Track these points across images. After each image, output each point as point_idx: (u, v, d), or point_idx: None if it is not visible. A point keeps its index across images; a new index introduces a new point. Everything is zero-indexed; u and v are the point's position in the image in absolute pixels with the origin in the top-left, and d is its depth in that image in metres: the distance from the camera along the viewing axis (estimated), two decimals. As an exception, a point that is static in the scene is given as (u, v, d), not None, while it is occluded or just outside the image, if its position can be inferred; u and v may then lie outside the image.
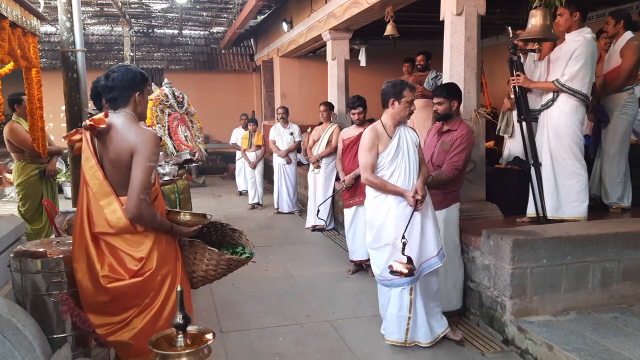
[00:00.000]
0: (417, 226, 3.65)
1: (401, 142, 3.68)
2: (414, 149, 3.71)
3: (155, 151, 2.58)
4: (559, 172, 4.32)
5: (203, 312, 4.51)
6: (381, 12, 6.55)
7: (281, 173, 8.67)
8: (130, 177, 2.53)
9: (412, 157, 3.70)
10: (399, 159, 3.66)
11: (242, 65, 14.75)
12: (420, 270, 3.67)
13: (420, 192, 3.56)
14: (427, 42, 10.75)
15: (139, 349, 2.55)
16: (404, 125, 3.78)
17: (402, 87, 3.66)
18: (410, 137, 3.73)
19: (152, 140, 2.57)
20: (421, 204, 3.59)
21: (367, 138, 3.71)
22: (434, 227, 3.74)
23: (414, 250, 3.62)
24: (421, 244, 3.68)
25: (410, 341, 3.77)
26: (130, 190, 2.51)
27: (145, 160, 2.52)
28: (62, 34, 4.73)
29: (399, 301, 3.73)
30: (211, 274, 2.89)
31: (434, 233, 3.73)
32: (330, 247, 6.69)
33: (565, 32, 4.30)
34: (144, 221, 2.55)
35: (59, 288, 2.77)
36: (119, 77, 2.63)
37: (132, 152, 2.53)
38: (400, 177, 3.66)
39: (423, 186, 3.62)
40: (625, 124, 4.76)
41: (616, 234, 3.99)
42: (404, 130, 3.74)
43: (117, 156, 2.57)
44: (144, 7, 11.64)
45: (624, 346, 3.34)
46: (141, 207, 2.50)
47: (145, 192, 2.52)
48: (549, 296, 3.86)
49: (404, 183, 3.65)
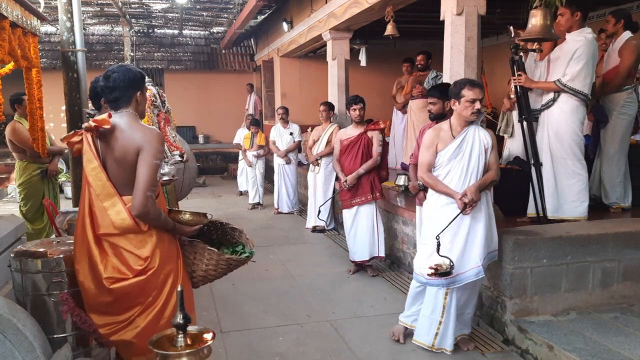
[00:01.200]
0: (463, 230, 3.55)
1: (464, 144, 3.55)
2: (479, 152, 3.56)
3: (161, 149, 2.61)
4: (559, 172, 4.33)
5: (203, 311, 4.51)
6: (381, 12, 6.55)
7: (281, 173, 8.67)
8: (135, 176, 2.55)
9: (474, 160, 3.55)
10: (456, 160, 3.56)
11: (243, 65, 14.75)
12: (459, 278, 3.55)
13: (470, 196, 3.44)
14: (428, 42, 10.75)
15: (142, 348, 2.55)
16: (477, 125, 3.62)
17: (462, 86, 3.55)
18: (480, 140, 3.57)
19: (158, 138, 2.61)
20: (470, 208, 3.48)
21: (428, 137, 3.68)
22: (484, 236, 3.56)
23: (454, 255, 3.52)
24: (464, 250, 3.56)
25: (437, 347, 3.69)
26: (137, 188, 2.53)
27: (152, 158, 2.55)
28: (62, 34, 4.73)
29: (433, 303, 3.66)
30: (211, 274, 2.89)
31: (483, 242, 3.56)
32: (330, 247, 6.69)
33: (566, 32, 4.30)
34: (150, 218, 2.56)
35: (60, 288, 2.77)
36: (120, 77, 2.63)
37: (138, 150, 2.55)
38: (455, 179, 3.56)
39: (476, 190, 3.47)
40: (625, 124, 4.76)
41: (616, 234, 3.99)
42: (475, 132, 3.58)
43: (124, 155, 2.58)
44: (144, 7, 11.64)
45: (624, 346, 3.34)
46: (147, 204, 2.52)
47: (152, 189, 2.55)
48: (550, 296, 3.86)
49: (457, 184, 3.54)
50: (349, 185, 5.35)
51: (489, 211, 3.64)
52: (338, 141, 5.64)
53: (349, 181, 5.35)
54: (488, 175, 3.58)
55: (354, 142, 5.45)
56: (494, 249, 3.68)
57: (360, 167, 5.36)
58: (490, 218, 3.64)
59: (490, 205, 3.67)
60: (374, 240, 5.41)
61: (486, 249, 3.59)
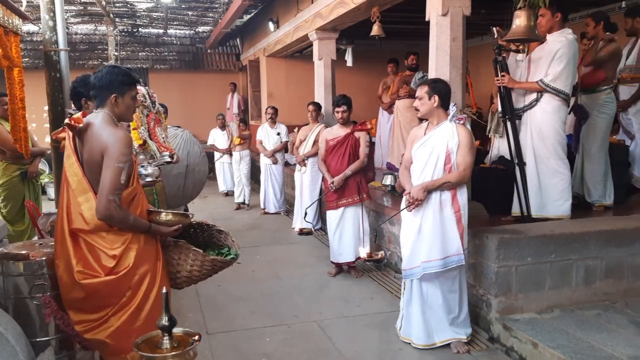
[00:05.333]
0: (413, 227, 3.69)
1: (428, 142, 3.71)
2: (439, 152, 3.63)
3: (125, 152, 2.56)
4: (542, 171, 4.37)
5: (189, 313, 4.49)
6: (367, 13, 6.56)
7: (268, 173, 8.66)
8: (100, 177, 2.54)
9: (433, 159, 3.67)
10: (419, 158, 3.75)
11: (228, 65, 14.69)
12: (412, 272, 3.70)
13: (412, 194, 3.58)
14: (413, 42, 10.78)
15: (117, 348, 2.56)
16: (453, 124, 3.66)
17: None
18: (446, 139, 3.64)
19: (123, 141, 2.57)
20: (413, 206, 3.60)
21: (410, 134, 3.89)
22: (432, 236, 3.62)
23: (406, 249, 3.73)
24: (413, 246, 3.69)
25: (404, 335, 3.87)
26: (100, 191, 2.52)
27: (114, 162, 2.52)
28: (44, 33, 4.66)
29: (402, 290, 3.96)
30: (196, 275, 2.88)
31: (430, 242, 3.62)
32: (317, 247, 6.69)
33: (547, 32, 4.35)
34: (114, 221, 2.55)
35: (42, 291, 2.75)
36: (99, 77, 2.66)
37: (102, 152, 2.54)
38: (416, 175, 3.76)
39: (421, 189, 3.55)
40: (604, 123, 4.85)
41: (599, 232, 4.05)
42: (444, 131, 3.64)
43: (90, 156, 2.59)
44: (129, 6, 11.54)
45: (606, 342, 3.38)
46: (110, 208, 2.50)
47: (115, 193, 2.52)
48: (534, 294, 3.90)
49: (415, 181, 3.72)
50: (336, 186, 5.32)
51: (444, 214, 3.61)
52: (323, 141, 5.59)
53: (335, 182, 5.30)
54: (444, 177, 3.59)
55: (341, 143, 5.43)
56: (453, 253, 3.60)
57: (347, 168, 5.33)
58: (444, 221, 3.61)
59: (449, 208, 3.61)
60: (360, 242, 5.40)
61: (439, 250, 3.60)
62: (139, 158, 4.44)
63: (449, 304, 3.74)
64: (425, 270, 3.63)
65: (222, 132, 10.11)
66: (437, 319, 3.74)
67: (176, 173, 6.10)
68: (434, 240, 3.61)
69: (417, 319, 3.76)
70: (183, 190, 6.39)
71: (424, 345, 3.74)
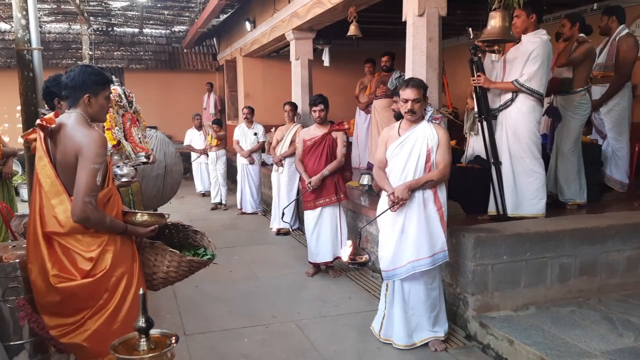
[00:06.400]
0: (397, 227, 3.68)
1: (406, 142, 3.71)
2: (419, 151, 3.66)
3: (100, 153, 2.52)
4: (517, 171, 4.43)
5: (166, 314, 4.44)
6: (344, 13, 6.57)
7: (244, 173, 8.62)
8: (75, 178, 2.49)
9: (413, 159, 3.69)
10: (398, 158, 3.75)
11: (205, 65, 14.58)
12: (396, 272, 3.69)
13: (396, 194, 3.57)
14: (390, 42, 10.84)
15: (94, 351, 2.52)
16: (430, 124, 3.72)
17: (401, 86, 3.75)
18: (426, 139, 3.67)
19: (97, 141, 2.53)
20: (397, 206, 3.60)
21: (382, 135, 3.92)
22: (417, 235, 3.64)
23: (389, 250, 3.69)
24: (397, 247, 3.68)
25: (384, 337, 3.86)
26: (75, 194, 2.48)
27: (90, 163, 2.48)
28: (17, 31, 4.58)
29: (381, 294, 3.96)
30: (172, 276, 2.86)
31: (415, 241, 3.64)
32: (295, 247, 6.68)
33: (522, 33, 4.41)
34: (90, 223, 2.51)
35: (16, 294, 2.70)
36: (71, 77, 2.60)
37: (77, 153, 2.49)
38: (395, 176, 3.75)
39: (405, 189, 3.56)
40: (578, 124, 4.96)
41: (573, 230, 4.12)
42: (422, 131, 3.68)
43: (64, 157, 2.54)
44: (103, 5, 11.36)
45: (580, 339, 3.45)
46: (86, 210, 2.46)
47: (91, 195, 2.48)
48: (510, 292, 3.95)
49: (395, 181, 3.71)
50: (314, 186, 5.31)
51: (428, 212, 3.66)
52: (301, 141, 5.58)
53: (313, 182, 5.29)
54: (427, 175, 3.63)
55: (318, 143, 5.42)
56: (439, 250, 3.67)
57: (324, 167, 5.32)
58: (428, 219, 3.66)
59: (432, 206, 3.66)
60: (337, 241, 5.40)
61: (426, 248, 3.63)
62: (114, 159, 4.38)
63: (432, 301, 3.78)
64: (415, 269, 3.62)
65: (199, 132, 10.07)
66: (419, 318, 3.77)
67: (155, 174, 6.06)
68: (420, 239, 3.63)
69: (399, 319, 3.76)
70: (162, 191, 6.35)
71: (405, 345, 3.75)
